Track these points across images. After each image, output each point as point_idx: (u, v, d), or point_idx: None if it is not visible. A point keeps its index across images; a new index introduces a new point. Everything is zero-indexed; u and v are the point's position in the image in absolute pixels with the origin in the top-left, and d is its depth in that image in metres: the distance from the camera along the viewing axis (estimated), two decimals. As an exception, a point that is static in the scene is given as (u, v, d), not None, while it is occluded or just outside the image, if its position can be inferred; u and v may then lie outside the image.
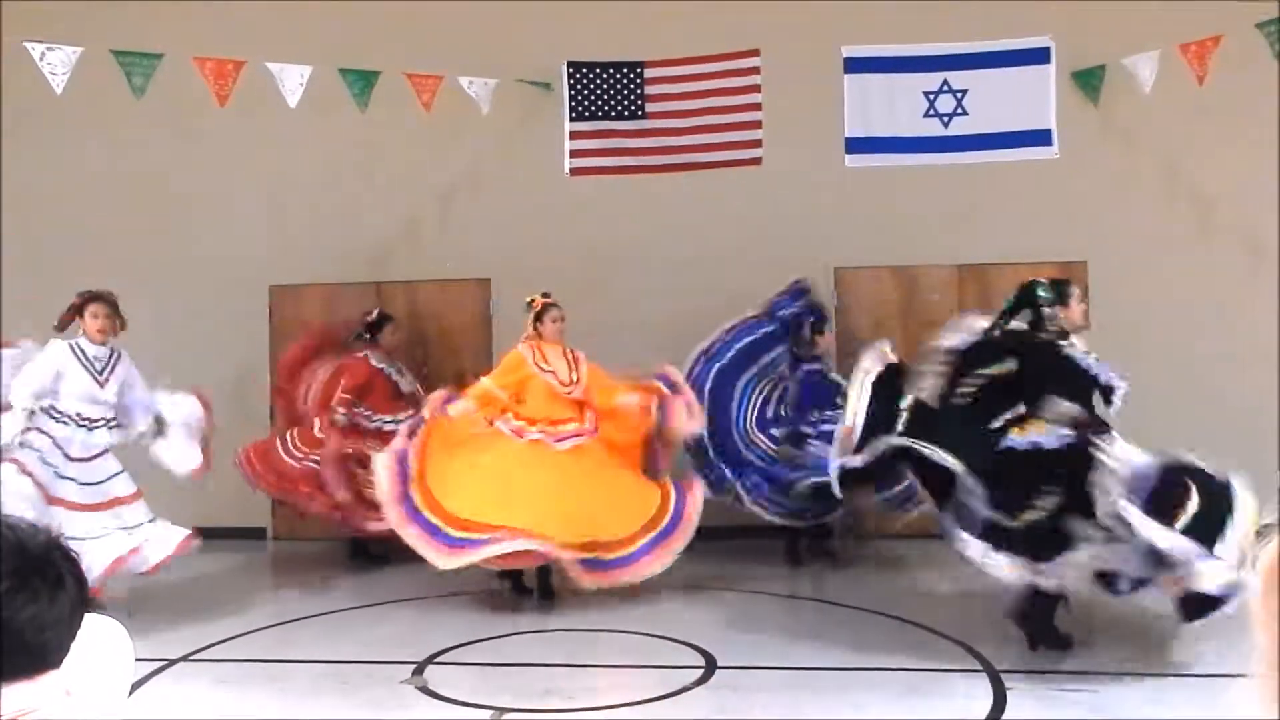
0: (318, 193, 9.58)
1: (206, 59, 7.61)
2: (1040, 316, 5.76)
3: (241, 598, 7.31)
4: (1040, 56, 8.23)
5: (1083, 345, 5.86)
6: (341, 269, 9.56)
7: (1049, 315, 5.74)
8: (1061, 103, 8.35)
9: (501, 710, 4.96)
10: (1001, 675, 5.30)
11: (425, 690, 5.33)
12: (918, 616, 6.50)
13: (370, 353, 8.63)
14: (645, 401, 7.28)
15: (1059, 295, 5.76)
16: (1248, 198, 8.74)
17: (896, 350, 6.20)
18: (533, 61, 8.94)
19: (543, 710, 5.03)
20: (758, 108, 8.49)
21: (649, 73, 8.67)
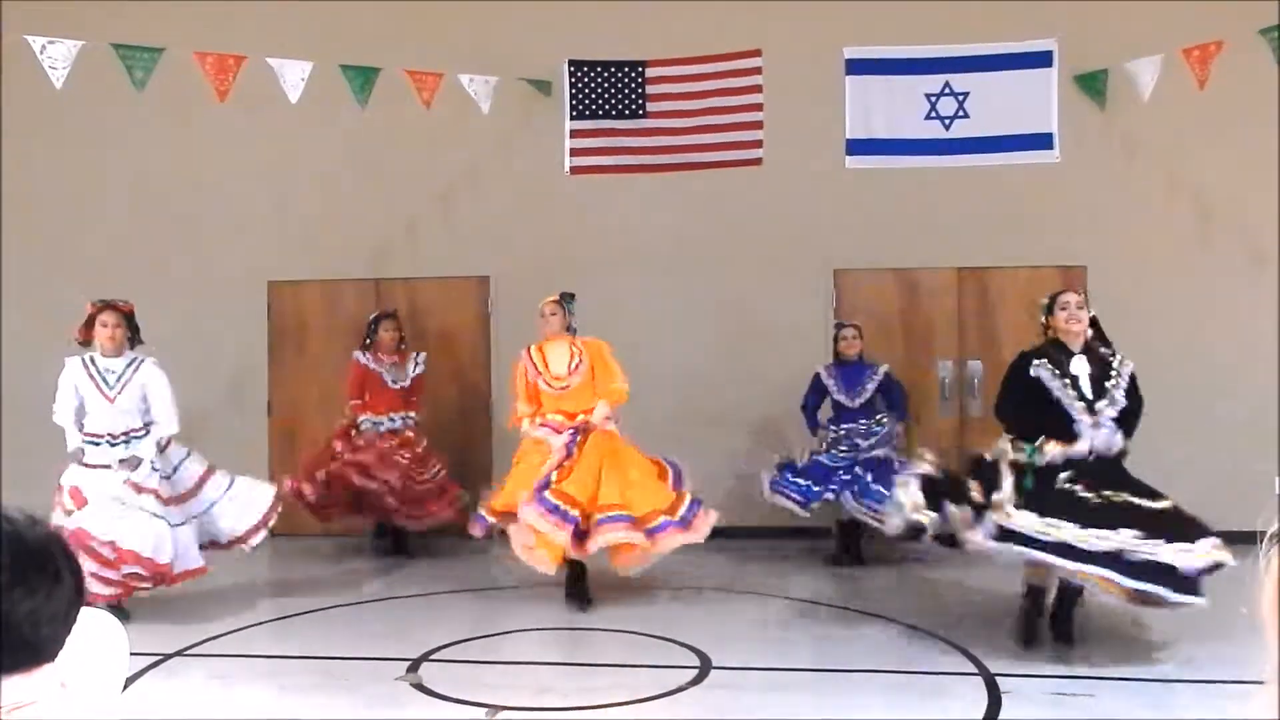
0: (317, 189, 9.57)
1: (207, 54, 7.59)
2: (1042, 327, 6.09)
3: (237, 593, 7.30)
4: (1043, 60, 8.23)
5: (1080, 361, 5.91)
6: (341, 266, 9.55)
7: (1041, 326, 6.09)
8: (1062, 106, 8.35)
9: (496, 708, 4.96)
10: (997, 678, 5.30)
11: (420, 687, 5.33)
12: (913, 619, 6.50)
13: (362, 354, 8.69)
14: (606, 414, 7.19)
15: (1048, 307, 6.06)
16: (1248, 202, 8.74)
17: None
18: (534, 60, 8.93)
19: (538, 709, 5.03)
20: (759, 108, 8.49)
21: (650, 72, 8.66)
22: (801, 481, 8.02)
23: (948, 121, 8.38)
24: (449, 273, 9.52)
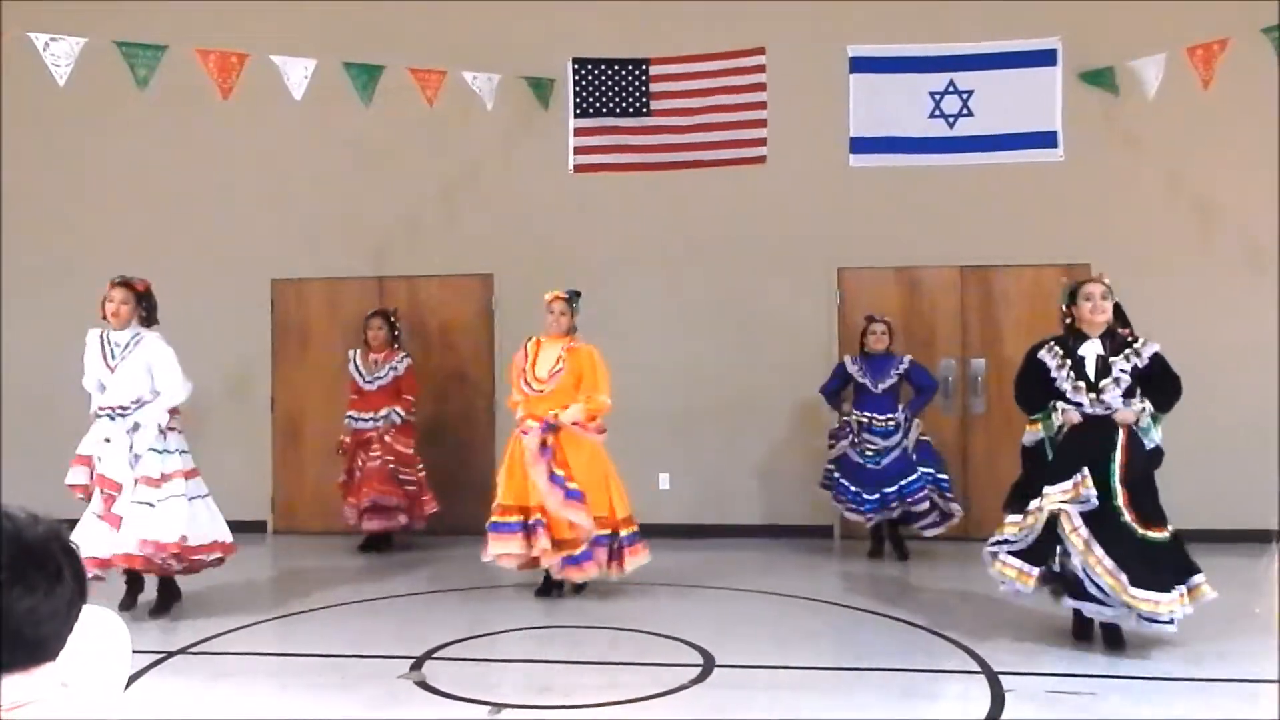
0: (320, 187, 9.58)
1: (210, 52, 7.58)
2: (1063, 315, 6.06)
3: (240, 591, 7.30)
4: (1047, 58, 8.22)
5: (1093, 344, 5.89)
6: (343, 263, 9.56)
7: (1062, 314, 6.03)
8: (1066, 105, 8.33)
9: (499, 706, 4.96)
10: (999, 676, 5.30)
11: (423, 685, 5.32)
12: (916, 617, 6.50)
13: (353, 352, 8.81)
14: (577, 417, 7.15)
15: (1070, 296, 6.01)
16: (1251, 201, 8.72)
17: None
18: (538, 58, 8.93)
19: (540, 706, 5.02)
20: (763, 106, 8.49)
21: (654, 70, 8.66)
22: (853, 488, 8.09)
23: (952, 120, 8.38)
24: (452, 270, 9.52)
